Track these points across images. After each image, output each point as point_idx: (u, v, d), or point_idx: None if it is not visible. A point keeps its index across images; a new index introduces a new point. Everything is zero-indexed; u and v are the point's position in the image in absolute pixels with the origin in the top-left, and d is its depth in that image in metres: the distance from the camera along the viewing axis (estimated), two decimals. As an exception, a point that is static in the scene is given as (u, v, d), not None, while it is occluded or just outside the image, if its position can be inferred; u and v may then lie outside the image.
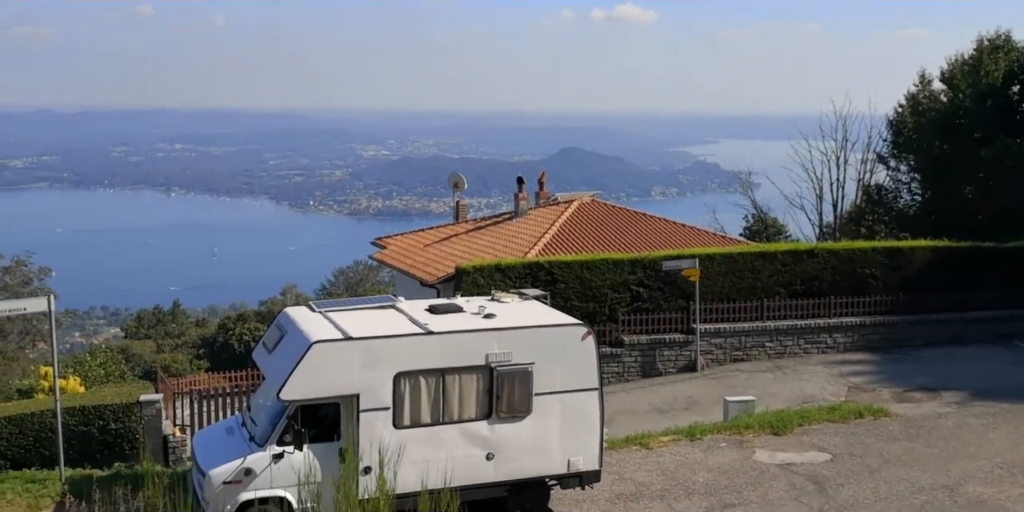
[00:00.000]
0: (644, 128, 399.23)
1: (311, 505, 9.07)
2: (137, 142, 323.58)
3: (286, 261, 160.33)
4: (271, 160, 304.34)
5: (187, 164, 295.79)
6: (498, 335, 13.27)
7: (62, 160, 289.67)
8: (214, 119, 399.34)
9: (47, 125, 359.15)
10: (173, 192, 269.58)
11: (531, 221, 30.10)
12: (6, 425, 17.09)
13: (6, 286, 38.03)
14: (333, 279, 67.37)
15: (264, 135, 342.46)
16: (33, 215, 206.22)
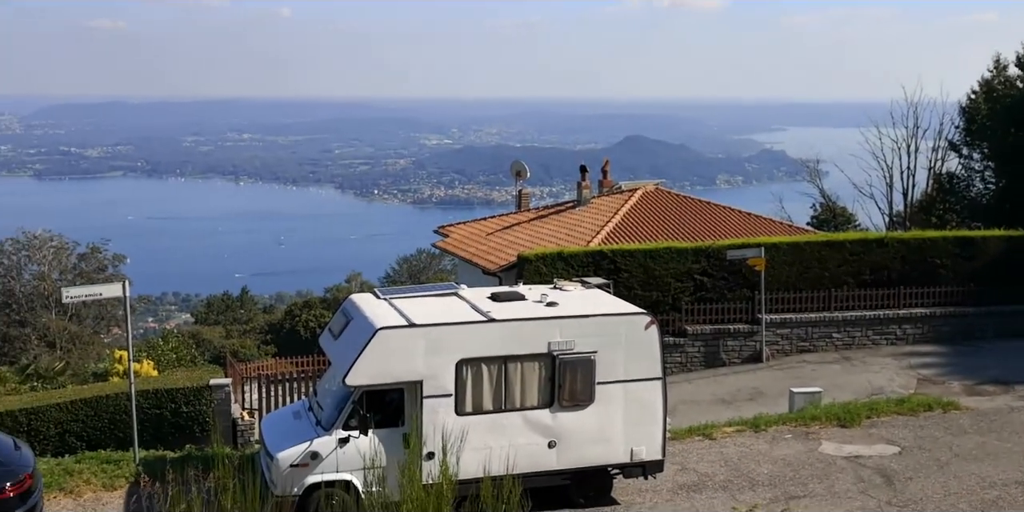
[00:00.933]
0: (709, 116, 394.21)
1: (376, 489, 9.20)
2: (208, 132, 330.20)
3: (350, 249, 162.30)
4: (337, 149, 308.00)
5: (255, 153, 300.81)
6: (560, 323, 13.28)
7: (136, 149, 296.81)
8: (282, 109, 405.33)
9: (122, 115, 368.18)
10: (242, 181, 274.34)
11: (594, 210, 29.98)
12: (83, 407, 17.56)
13: (82, 272, 39.24)
14: (397, 267, 68.03)
15: (330, 124, 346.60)
16: (107, 203, 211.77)
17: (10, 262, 39.05)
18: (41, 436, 17.06)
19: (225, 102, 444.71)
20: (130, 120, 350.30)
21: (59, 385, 23.31)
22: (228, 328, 55.16)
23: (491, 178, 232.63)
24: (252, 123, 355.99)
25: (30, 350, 35.49)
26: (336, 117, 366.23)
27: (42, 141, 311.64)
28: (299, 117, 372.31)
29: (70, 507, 13.80)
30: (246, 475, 8.84)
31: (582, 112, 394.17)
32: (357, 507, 10.57)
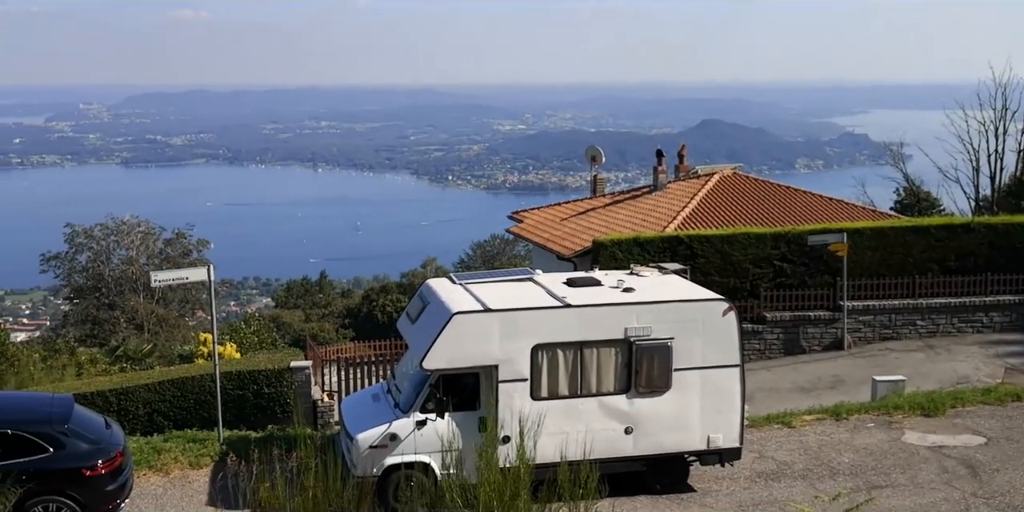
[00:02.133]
0: (788, 99, 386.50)
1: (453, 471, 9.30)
2: (287, 120, 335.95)
3: (425, 234, 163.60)
4: (412, 136, 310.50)
5: (333, 140, 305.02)
6: (637, 309, 13.21)
7: (218, 137, 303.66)
8: (358, 96, 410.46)
9: (204, 104, 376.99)
10: (320, 168, 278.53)
11: (670, 195, 29.69)
12: (169, 388, 18.07)
13: (168, 257, 40.36)
14: (471, 252, 68.38)
15: (405, 111, 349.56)
16: (190, 190, 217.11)
17: (100, 247, 40.30)
18: (130, 415, 17.61)
19: (303, 90, 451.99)
20: (212, 109, 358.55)
21: (147, 366, 24.11)
22: (307, 312, 56.14)
23: (565, 163, 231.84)
24: (329, 111, 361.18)
25: (119, 332, 36.67)
26: (411, 104, 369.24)
27: (129, 130, 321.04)
28: (375, 104, 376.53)
29: (159, 484, 14.27)
30: (328, 455, 9.02)
31: (657, 96, 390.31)
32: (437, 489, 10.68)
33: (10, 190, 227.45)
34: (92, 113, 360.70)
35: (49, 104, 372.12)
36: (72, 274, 40.36)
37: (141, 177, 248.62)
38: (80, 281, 40.10)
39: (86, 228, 40.65)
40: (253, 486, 8.33)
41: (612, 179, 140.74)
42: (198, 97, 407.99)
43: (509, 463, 9.91)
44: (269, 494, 8.16)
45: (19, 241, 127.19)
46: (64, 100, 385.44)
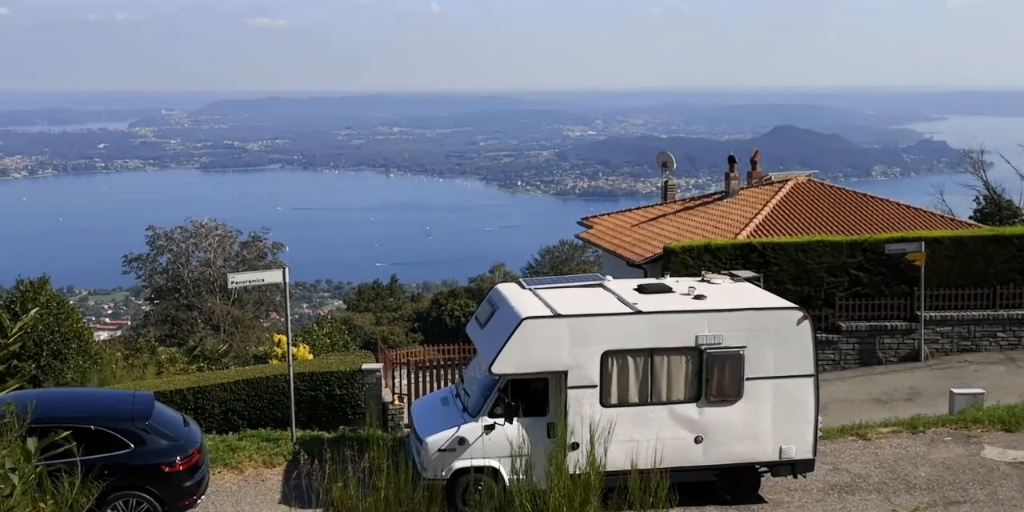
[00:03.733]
0: (864, 105, 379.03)
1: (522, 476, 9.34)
2: (360, 126, 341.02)
3: (493, 240, 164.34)
4: (482, 141, 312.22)
5: (404, 146, 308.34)
6: (709, 317, 13.09)
7: (293, 143, 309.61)
8: (430, 103, 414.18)
9: (281, 110, 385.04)
10: (392, 173, 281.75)
11: (743, 201, 29.34)
12: (244, 387, 18.44)
13: (244, 259, 41.17)
14: (539, 258, 68.38)
15: (476, 117, 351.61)
16: (263, 194, 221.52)
17: (179, 249, 41.26)
18: (207, 414, 18.01)
19: (376, 96, 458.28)
20: (287, 115, 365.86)
21: (223, 366, 24.66)
22: (378, 315, 56.81)
23: (636, 169, 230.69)
24: (401, 117, 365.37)
25: (196, 333, 37.53)
26: (482, 110, 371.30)
27: (208, 135, 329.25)
28: (446, 110, 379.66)
29: (233, 481, 14.58)
30: (399, 457, 9.14)
31: (729, 102, 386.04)
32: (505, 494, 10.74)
33: (95, 193, 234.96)
34: (173, 119, 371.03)
35: (133, 110, 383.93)
36: (153, 275, 41.39)
37: (218, 181, 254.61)
38: (160, 282, 41.11)
39: (166, 231, 41.68)
40: (326, 486, 8.49)
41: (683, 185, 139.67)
42: (275, 103, 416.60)
43: (578, 470, 9.91)
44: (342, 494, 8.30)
45: (103, 243, 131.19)
46: (147, 106, 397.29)
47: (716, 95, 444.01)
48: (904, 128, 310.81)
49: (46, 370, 19.90)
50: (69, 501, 7.22)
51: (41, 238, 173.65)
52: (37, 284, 21.51)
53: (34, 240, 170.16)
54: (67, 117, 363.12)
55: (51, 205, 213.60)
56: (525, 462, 9.44)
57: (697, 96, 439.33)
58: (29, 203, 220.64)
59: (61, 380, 19.85)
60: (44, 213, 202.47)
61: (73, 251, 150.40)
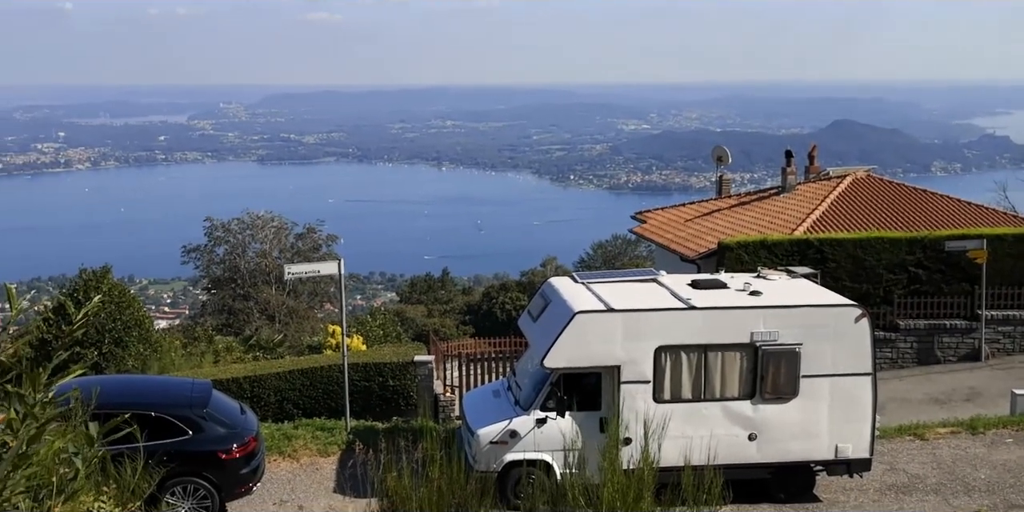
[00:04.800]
0: (924, 99, 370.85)
1: (575, 471, 9.34)
2: (414, 119, 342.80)
3: (545, 233, 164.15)
4: (535, 135, 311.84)
5: (457, 140, 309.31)
6: (764, 313, 12.96)
7: (348, 136, 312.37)
8: (483, 96, 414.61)
9: (336, 104, 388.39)
10: (444, 166, 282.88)
11: (799, 196, 28.94)
12: (299, 377, 18.72)
13: (299, 251, 41.69)
14: (591, 252, 68.18)
15: (529, 111, 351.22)
16: (318, 187, 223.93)
17: (236, 241, 41.89)
18: (262, 402, 18.32)
19: (430, 90, 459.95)
20: (343, 108, 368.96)
21: (278, 356, 25.02)
22: (430, 307, 57.12)
23: (690, 164, 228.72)
24: (455, 110, 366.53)
25: (252, 322, 38.12)
26: (535, 103, 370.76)
27: (265, 128, 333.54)
28: (499, 104, 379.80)
29: (289, 469, 14.81)
30: (452, 448, 9.20)
31: (786, 96, 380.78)
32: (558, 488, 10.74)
33: (155, 185, 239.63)
34: (231, 112, 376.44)
35: (192, 103, 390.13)
36: (210, 266, 42.09)
37: (275, 174, 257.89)
38: (218, 273, 41.79)
39: (224, 222, 42.35)
40: (380, 475, 8.57)
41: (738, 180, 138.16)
42: (331, 97, 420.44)
43: (631, 465, 9.87)
44: (396, 484, 8.37)
45: (163, 233, 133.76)
46: (206, 100, 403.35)
47: (773, 88, 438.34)
48: (966, 123, 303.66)
49: (108, 357, 20.38)
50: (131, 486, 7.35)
51: (103, 228, 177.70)
52: (100, 273, 22.01)
53: (96, 230, 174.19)
54: (129, 110, 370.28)
55: (113, 196, 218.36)
56: (579, 456, 9.46)
57: (753, 89, 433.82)
58: (92, 194, 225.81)
59: (122, 367, 20.31)
60: (106, 204, 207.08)
61: (134, 241, 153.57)
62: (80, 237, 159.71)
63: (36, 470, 4.46)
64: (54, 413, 4.41)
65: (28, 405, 4.28)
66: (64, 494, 4.68)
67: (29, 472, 4.40)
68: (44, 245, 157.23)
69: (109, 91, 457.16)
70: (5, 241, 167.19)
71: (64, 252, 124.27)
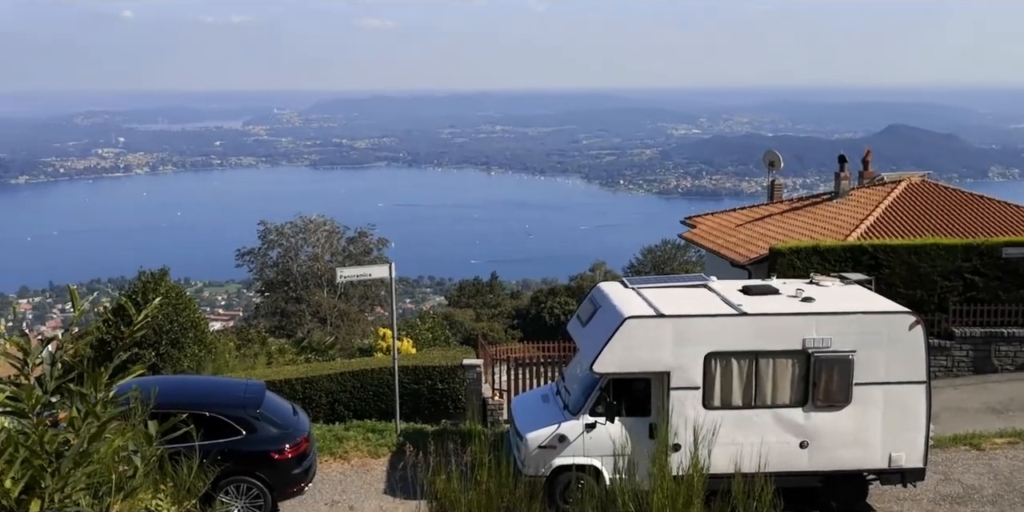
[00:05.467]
0: (981, 103, 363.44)
1: (624, 476, 9.33)
2: (463, 124, 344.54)
3: (594, 238, 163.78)
4: (584, 140, 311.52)
5: (506, 144, 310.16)
6: (817, 320, 12.82)
7: (399, 141, 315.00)
8: (533, 101, 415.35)
9: (387, 109, 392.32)
10: (493, 171, 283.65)
11: (853, 202, 28.55)
12: (350, 379, 18.93)
13: (350, 254, 42.10)
14: (641, 257, 67.88)
15: (578, 116, 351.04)
16: (368, 191, 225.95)
17: (289, 244, 42.44)
18: (314, 404, 18.54)
19: (479, 95, 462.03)
20: (395, 113, 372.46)
21: (329, 358, 25.31)
22: (478, 311, 57.31)
23: (740, 168, 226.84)
24: (504, 115, 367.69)
25: (304, 325, 38.58)
26: (584, 108, 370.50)
27: (317, 133, 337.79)
28: (549, 109, 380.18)
29: (340, 470, 14.98)
30: (501, 452, 9.25)
31: (839, 100, 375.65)
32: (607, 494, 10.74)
33: (210, 189, 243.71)
34: (285, 118, 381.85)
35: (247, 109, 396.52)
36: (264, 269, 42.67)
37: (327, 178, 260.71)
38: (271, 275, 42.35)
39: (277, 226, 42.94)
40: (430, 478, 8.64)
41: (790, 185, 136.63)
42: (382, 102, 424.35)
43: (681, 471, 9.83)
44: (445, 487, 8.43)
45: (217, 236, 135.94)
46: (260, 105, 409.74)
47: (825, 93, 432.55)
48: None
49: (164, 358, 20.79)
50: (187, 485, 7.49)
51: (160, 231, 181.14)
52: (158, 275, 22.47)
53: (154, 233, 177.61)
54: (186, 116, 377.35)
55: (170, 200, 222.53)
56: (628, 461, 9.44)
57: (805, 94, 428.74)
58: (149, 198, 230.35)
59: (178, 368, 20.71)
60: (163, 207, 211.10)
61: (190, 244, 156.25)
62: (138, 240, 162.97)
63: (97, 468, 4.57)
64: (115, 412, 4.52)
65: (90, 404, 4.40)
66: (123, 492, 4.79)
67: (90, 469, 4.52)
68: (103, 247, 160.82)
69: (167, 97, 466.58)
70: (67, 243, 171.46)
71: (122, 254, 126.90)
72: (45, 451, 4.31)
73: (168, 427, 4.95)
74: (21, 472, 4.25)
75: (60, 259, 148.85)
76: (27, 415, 4.37)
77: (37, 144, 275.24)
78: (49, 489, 4.36)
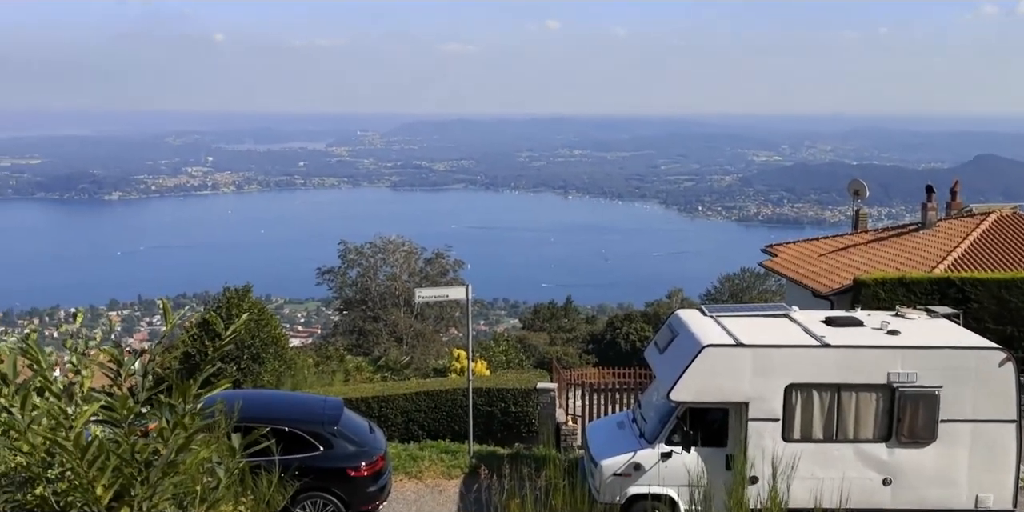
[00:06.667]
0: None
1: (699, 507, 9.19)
2: (541, 148, 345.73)
3: (671, 264, 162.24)
4: (663, 165, 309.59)
5: (584, 169, 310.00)
6: (903, 353, 12.49)
7: (477, 164, 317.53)
8: (611, 126, 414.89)
9: (467, 132, 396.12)
10: (570, 195, 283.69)
11: (940, 233, 27.77)
12: (425, 399, 19.04)
13: (427, 275, 42.48)
14: (719, 285, 67.01)
15: (658, 141, 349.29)
16: (445, 212, 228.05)
17: (368, 263, 43.04)
18: (389, 422, 18.69)
19: (558, 119, 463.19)
20: (474, 136, 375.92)
21: (404, 377, 25.53)
22: (552, 335, 57.12)
23: (823, 197, 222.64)
24: (583, 139, 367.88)
25: (381, 343, 38.99)
26: (664, 133, 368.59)
27: (398, 155, 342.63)
28: (627, 133, 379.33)
29: (413, 490, 15.05)
30: (576, 477, 9.20)
31: (926, 128, 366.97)
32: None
33: (293, 208, 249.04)
34: (367, 140, 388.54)
35: (330, 131, 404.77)
36: (343, 287, 43.31)
37: (405, 200, 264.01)
38: (350, 294, 42.96)
39: (357, 245, 43.60)
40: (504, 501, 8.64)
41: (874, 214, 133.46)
42: (461, 125, 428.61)
43: (758, 505, 9.66)
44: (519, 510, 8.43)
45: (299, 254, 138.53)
46: (343, 127, 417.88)
47: (912, 121, 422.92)
48: None
49: (245, 372, 21.23)
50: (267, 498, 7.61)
51: (244, 248, 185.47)
52: (242, 291, 23.01)
53: (238, 250, 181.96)
54: (272, 136, 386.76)
55: (254, 218, 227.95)
56: (704, 493, 9.29)
57: (891, 121, 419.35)
58: (235, 216, 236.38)
59: (258, 382, 21.11)
60: (248, 225, 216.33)
61: (272, 261, 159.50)
62: (223, 256, 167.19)
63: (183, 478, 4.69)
64: (201, 424, 4.63)
65: (178, 415, 4.52)
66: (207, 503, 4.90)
67: (176, 479, 4.63)
68: (190, 263, 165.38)
69: (254, 118, 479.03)
70: (156, 258, 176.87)
71: (207, 270, 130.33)
72: (135, 460, 4.43)
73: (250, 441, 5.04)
74: (112, 479, 4.37)
75: (148, 273, 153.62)
76: (120, 424, 4.51)
77: (131, 162, 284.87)
78: (138, 497, 4.48)
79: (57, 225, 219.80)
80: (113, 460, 4.34)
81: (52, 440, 4.20)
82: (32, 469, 4.38)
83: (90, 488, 4.25)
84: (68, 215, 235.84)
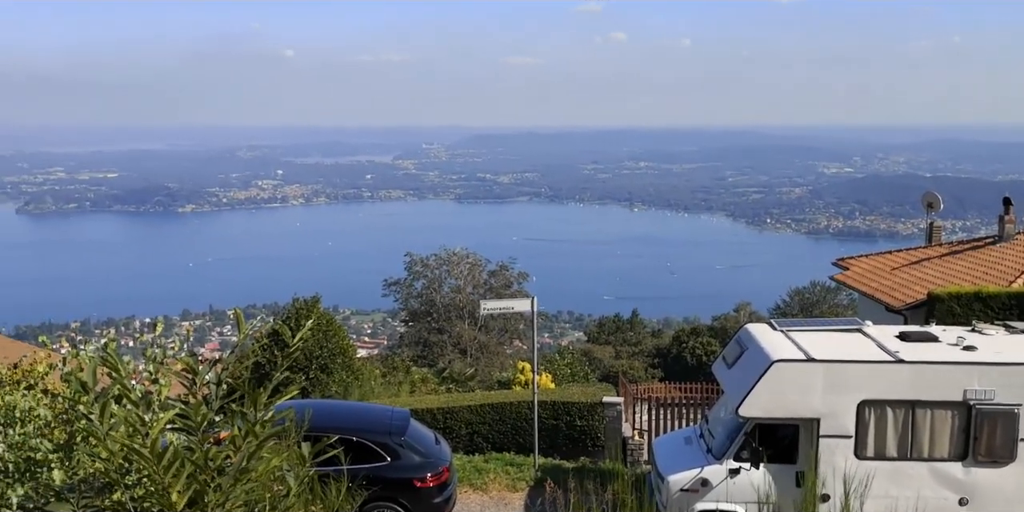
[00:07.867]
0: None
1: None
2: (607, 160, 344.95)
3: (738, 277, 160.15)
4: (730, 177, 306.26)
5: (650, 181, 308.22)
6: (980, 370, 12.12)
7: (542, 176, 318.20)
8: (677, 137, 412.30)
9: (532, 145, 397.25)
10: (636, 207, 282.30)
11: (1018, 247, 26.94)
12: (489, 412, 19.07)
13: (491, 287, 42.61)
14: (788, 299, 65.93)
15: (725, 152, 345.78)
16: (508, 225, 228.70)
17: (433, 275, 43.36)
18: (454, 434, 18.75)
19: (624, 131, 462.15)
20: (538, 149, 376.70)
21: (469, 389, 25.62)
22: (618, 349, 56.79)
23: (896, 209, 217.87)
24: (648, 151, 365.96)
25: (446, 355, 39.20)
26: (731, 145, 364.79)
27: (463, 168, 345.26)
28: (694, 145, 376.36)
29: (478, 502, 15.06)
30: (643, 493, 9.10)
31: (1003, 139, 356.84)
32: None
33: (360, 220, 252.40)
34: (433, 153, 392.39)
35: (396, 144, 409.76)
36: (409, 299, 43.68)
37: (470, 212, 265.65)
38: (415, 306, 43.31)
39: (423, 258, 43.96)
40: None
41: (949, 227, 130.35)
42: (526, 138, 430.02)
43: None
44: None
45: (366, 266, 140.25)
46: (409, 140, 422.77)
47: (988, 131, 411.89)
48: None
49: (313, 382, 21.52)
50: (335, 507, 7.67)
51: (312, 260, 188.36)
52: (310, 302, 23.35)
53: (306, 262, 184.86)
54: (339, 150, 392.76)
55: (322, 230, 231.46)
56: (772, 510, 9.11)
57: (966, 132, 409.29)
58: (303, 228, 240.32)
59: (326, 392, 21.37)
60: (316, 237, 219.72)
61: (339, 273, 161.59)
62: (292, 268, 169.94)
63: (254, 485, 4.75)
64: (272, 432, 4.69)
65: (250, 423, 4.60)
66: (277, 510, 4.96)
67: (248, 486, 4.70)
68: (259, 274, 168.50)
69: (323, 132, 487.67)
70: (227, 270, 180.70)
71: (276, 281, 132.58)
72: (209, 467, 4.51)
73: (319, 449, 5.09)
74: (186, 486, 4.46)
75: (218, 284, 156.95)
76: (194, 432, 4.60)
77: (203, 176, 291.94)
78: (211, 503, 4.56)
79: (132, 237, 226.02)
80: (188, 467, 4.42)
81: (130, 447, 4.29)
82: (110, 475, 4.49)
83: (166, 494, 4.34)
84: (143, 227, 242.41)
